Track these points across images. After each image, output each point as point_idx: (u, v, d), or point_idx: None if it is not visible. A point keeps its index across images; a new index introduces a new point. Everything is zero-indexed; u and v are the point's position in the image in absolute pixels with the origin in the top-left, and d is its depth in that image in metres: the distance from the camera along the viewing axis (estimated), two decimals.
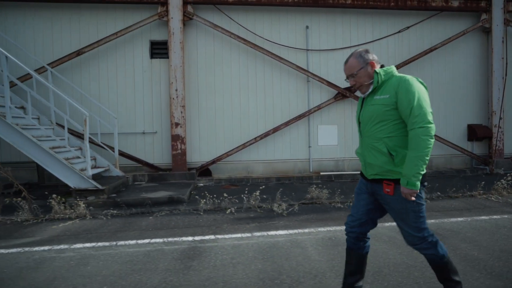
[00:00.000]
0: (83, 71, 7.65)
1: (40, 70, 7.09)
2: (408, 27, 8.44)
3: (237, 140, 8.03)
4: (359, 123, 2.41)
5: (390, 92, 2.18)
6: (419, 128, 2.05)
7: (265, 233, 4.33)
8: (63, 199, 5.49)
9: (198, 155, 7.96)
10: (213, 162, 7.87)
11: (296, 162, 8.28)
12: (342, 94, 8.15)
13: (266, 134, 7.97)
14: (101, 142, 6.95)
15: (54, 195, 5.23)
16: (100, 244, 4.03)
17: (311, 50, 8.21)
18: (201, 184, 7.51)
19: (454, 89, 8.77)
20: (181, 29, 7.52)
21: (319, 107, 8.12)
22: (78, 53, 7.37)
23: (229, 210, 5.38)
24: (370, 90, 2.28)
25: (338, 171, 8.29)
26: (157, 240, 4.14)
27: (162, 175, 7.47)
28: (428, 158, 2.06)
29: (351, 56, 2.30)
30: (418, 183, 2.08)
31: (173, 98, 7.56)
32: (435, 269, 2.33)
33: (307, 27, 8.18)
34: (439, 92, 8.69)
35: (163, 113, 7.85)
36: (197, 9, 7.80)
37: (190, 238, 4.18)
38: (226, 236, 4.26)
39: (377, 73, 2.23)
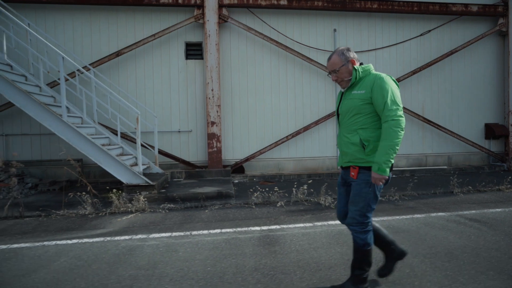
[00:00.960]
0: (121, 71, 7.88)
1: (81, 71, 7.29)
2: (429, 31, 8.84)
3: (268, 138, 8.32)
4: (337, 115, 2.63)
5: (366, 88, 2.38)
6: (392, 120, 2.26)
7: (325, 223, 4.62)
8: (122, 194, 5.72)
9: (231, 153, 8.23)
10: (247, 159, 8.15)
11: (324, 159, 8.61)
12: None
13: (297, 133, 8.28)
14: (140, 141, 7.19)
15: (114, 190, 5.47)
16: (175, 234, 4.29)
17: None
18: (236, 181, 7.79)
19: (473, 90, 9.19)
20: (216, 31, 7.80)
21: None
22: (118, 53, 7.60)
23: (279, 204, 5.67)
24: (349, 85, 2.49)
25: None
26: (228, 230, 4.41)
27: (198, 172, 7.73)
28: (398, 148, 2.28)
29: (334, 53, 2.50)
30: (388, 170, 2.29)
31: (209, 98, 7.83)
32: (355, 253, 2.55)
33: (334, 30, 8.52)
34: (458, 93, 9.10)
35: (198, 112, 8.11)
36: (231, 12, 8.09)
37: (257, 228, 4.46)
38: (290, 225, 4.55)
39: (355, 69, 2.44)
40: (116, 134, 7.03)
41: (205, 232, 4.35)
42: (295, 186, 6.41)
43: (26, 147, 7.70)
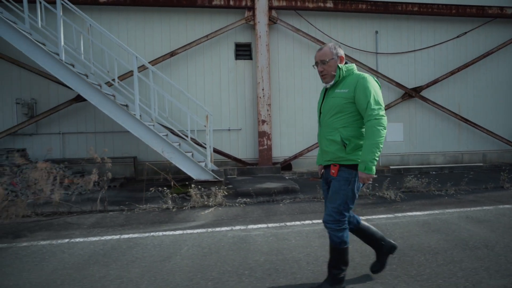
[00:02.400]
0: (173, 71, 8.09)
1: (139, 70, 7.49)
2: (465, 33, 9.17)
3: (314, 136, 8.58)
4: (320, 113, 2.62)
5: (350, 87, 2.40)
6: (375, 119, 2.29)
7: (404, 214, 4.89)
8: (202, 189, 5.93)
9: (279, 150, 8.48)
10: (295, 157, 8.41)
11: None
12: (408, 94, 8.82)
13: None
14: (191, 138, 7.40)
15: (193, 185, 5.69)
16: (270, 225, 4.51)
17: (380, 53, 8.85)
18: (286, 177, 8.03)
19: (507, 90, 9.53)
20: (267, 32, 8.05)
21: (388, 106, 8.76)
22: (172, 54, 7.82)
23: None
24: (332, 82, 2.49)
25: (403, 165, 8.94)
26: (317, 221, 4.65)
27: (249, 169, 7.96)
28: (382, 146, 2.30)
29: (326, 46, 2.53)
30: (374, 168, 2.30)
31: (260, 97, 8.08)
32: (331, 251, 2.55)
33: (376, 32, 8.82)
34: (493, 93, 9.45)
35: (247, 111, 8.35)
36: (279, 14, 8.34)
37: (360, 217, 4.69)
38: (375, 216, 4.82)
39: (339, 68, 2.45)
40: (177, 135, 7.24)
41: (298, 223, 4.58)
42: None
43: (82, 145, 7.87)
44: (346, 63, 2.53)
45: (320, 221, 4.64)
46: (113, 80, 7.11)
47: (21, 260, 3.47)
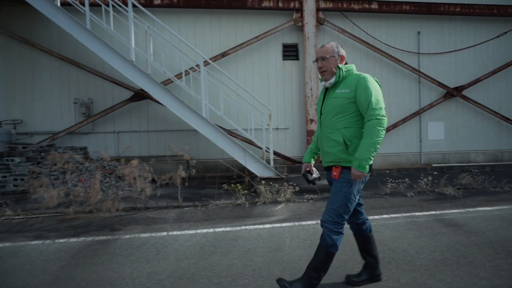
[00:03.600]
0: (223, 71, 8.27)
1: (192, 69, 7.69)
2: (505, 32, 9.31)
3: None
4: (320, 114, 2.60)
5: (350, 87, 2.39)
6: (376, 119, 2.28)
7: (476, 209, 5.06)
8: (263, 186, 6.13)
9: None
10: None
11: (408, 155, 9.07)
12: (450, 94, 8.97)
13: (386, 130, 8.73)
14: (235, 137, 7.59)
15: (263, 182, 5.89)
16: None
17: (422, 53, 9.01)
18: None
19: None
20: (314, 33, 8.24)
21: (431, 105, 8.93)
22: (223, 54, 8.02)
23: (409, 194, 6.12)
24: (331, 80, 2.48)
25: (445, 163, 9.10)
26: (397, 215, 4.82)
27: (298, 167, 8.14)
28: (379, 146, 2.29)
29: (328, 43, 2.56)
30: (368, 167, 2.29)
31: (308, 97, 8.27)
32: (319, 252, 2.51)
33: (418, 32, 8.98)
34: None
35: (294, 110, 8.55)
36: (325, 15, 8.52)
37: (432, 212, 4.91)
38: (446, 211, 4.99)
39: (339, 68, 2.45)
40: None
41: (377, 217, 4.77)
42: (405, 180, 6.81)
43: (135, 143, 8.09)
44: (346, 63, 2.54)
45: (398, 215, 4.84)
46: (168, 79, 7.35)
47: (138, 250, 3.68)
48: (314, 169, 2.81)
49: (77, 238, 4.17)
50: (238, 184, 6.05)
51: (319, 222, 2.56)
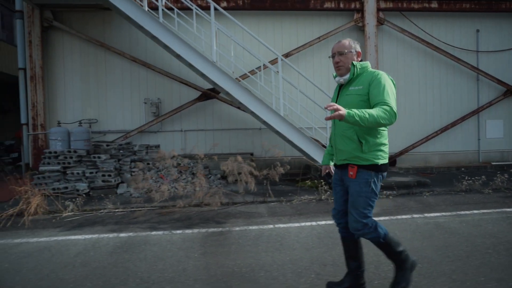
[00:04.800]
0: (285, 70, 8.47)
1: (258, 69, 7.91)
2: None
3: (416, 133, 8.85)
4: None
5: (364, 84, 2.34)
6: (388, 106, 2.16)
7: None
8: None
9: None
10: (401, 153, 8.71)
11: (466, 153, 9.10)
12: (510, 91, 8.95)
13: (445, 128, 8.80)
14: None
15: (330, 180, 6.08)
16: (445, 214, 4.86)
17: (481, 51, 9.02)
18: (401, 172, 8.33)
19: None
20: (375, 33, 8.37)
21: (490, 103, 8.94)
22: (287, 55, 8.24)
23: (486, 191, 6.20)
24: (346, 77, 2.43)
25: (504, 161, 9.08)
26: (487, 210, 4.95)
27: None
28: (373, 124, 2.10)
29: (345, 39, 2.52)
30: (351, 120, 2.05)
31: None
32: (380, 248, 2.46)
33: (477, 30, 8.99)
34: None
35: None
36: (385, 15, 8.63)
37: None
38: None
39: (354, 65, 2.40)
40: None
41: (468, 212, 4.92)
42: (479, 177, 6.82)
43: (201, 141, 8.39)
44: (361, 60, 2.49)
45: (492, 210, 4.96)
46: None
47: (260, 241, 3.92)
48: (334, 170, 2.70)
49: (191, 230, 4.45)
50: (307, 181, 6.24)
51: (421, 216, 2.48)
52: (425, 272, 2.96)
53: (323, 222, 4.60)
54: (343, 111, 2.04)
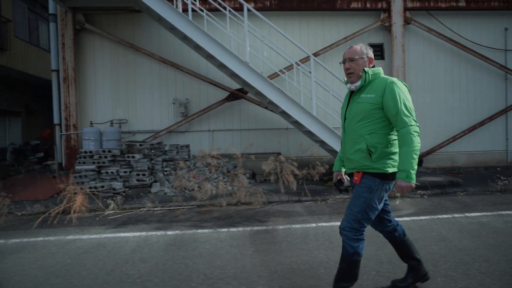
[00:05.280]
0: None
1: (287, 68, 7.97)
2: None
3: (443, 133, 8.82)
4: (344, 119, 2.49)
5: (377, 92, 2.27)
6: (410, 126, 2.17)
7: None
8: None
9: None
10: (428, 153, 8.69)
11: (494, 153, 9.03)
12: None
13: (473, 128, 8.75)
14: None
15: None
16: (487, 213, 4.85)
17: (510, 50, 8.94)
18: (428, 172, 8.31)
19: None
20: (402, 33, 8.36)
21: None
22: (314, 55, 8.25)
23: None
24: (357, 84, 2.36)
25: None
26: None
27: None
28: (418, 153, 2.19)
29: (357, 45, 2.43)
30: (415, 176, 2.16)
31: None
32: (342, 262, 2.40)
33: (506, 28, 8.92)
34: None
35: None
36: (412, 14, 8.62)
37: None
38: None
39: (365, 72, 2.32)
40: None
41: (510, 212, 4.90)
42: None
43: (228, 141, 8.48)
44: (373, 66, 2.41)
45: None
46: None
47: (308, 239, 3.99)
48: (345, 177, 2.67)
49: (236, 228, 4.53)
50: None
51: (463, 215, 2.52)
52: (485, 271, 2.99)
53: None
54: (409, 184, 2.14)
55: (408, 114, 2.20)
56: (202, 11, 7.05)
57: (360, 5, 8.35)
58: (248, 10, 6.62)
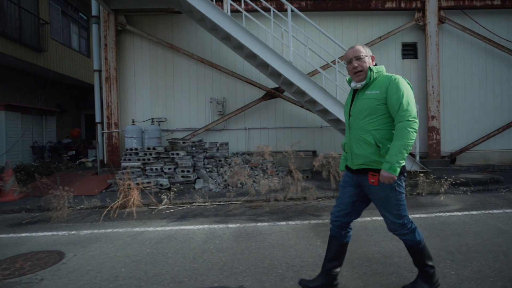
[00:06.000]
0: (344, 70, 8.67)
1: (323, 67, 8.11)
2: None
3: (476, 131, 8.87)
4: (349, 116, 2.53)
5: (381, 88, 2.34)
6: (407, 121, 2.23)
7: None
8: (421, 178, 6.45)
9: (442, 144, 8.84)
10: (461, 150, 8.75)
11: None
12: None
13: (507, 126, 8.78)
14: None
15: (421, 174, 6.22)
16: None
17: None
18: (456, 169, 8.37)
19: None
20: (436, 32, 8.43)
21: None
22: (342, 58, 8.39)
23: None
24: (363, 82, 2.43)
25: None
26: None
27: (423, 162, 8.37)
28: (410, 148, 2.26)
29: (357, 45, 2.50)
30: (399, 170, 2.25)
31: (430, 94, 8.49)
32: (411, 254, 2.52)
33: None
34: None
35: None
36: (446, 13, 8.68)
37: None
38: None
39: (370, 69, 2.40)
40: None
41: None
42: None
43: (264, 139, 8.67)
44: (375, 64, 2.49)
45: None
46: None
47: (368, 231, 4.13)
48: (345, 172, 2.71)
49: (293, 221, 4.70)
50: None
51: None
52: None
53: (417, 216, 4.77)
54: (391, 175, 2.22)
55: (408, 110, 2.26)
56: (241, 12, 7.23)
57: (394, 5, 8.45)
58: (292, 11, 6.75)
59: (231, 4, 6.92)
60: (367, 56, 2.44)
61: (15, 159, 9.61)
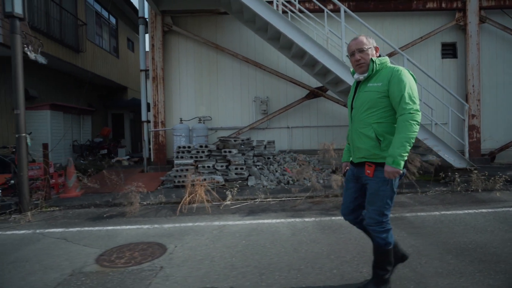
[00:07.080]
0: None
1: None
2: None
3: None
4: (351, 108, 2.52)
5: (383, 81, 2.30)
6: (409, 113, 2.18)
7: None
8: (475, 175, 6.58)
9: (482, 142, 8.96)
10: (501, 149, 8.88)
11: None
12: None
13: None
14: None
15: (456, 173, 6.39)
16: None
17: None
18: (497, 167, 8.50)
19: None
20: (477, 32, 8.56)
21: None
22: (390, 54, 8.55)
23: None
24: (365, 74, 2.39)
25: None
26: None
27: None
28: (413, 142, 2.18)
29: (360, 36, 2.46)
30: (402, 163, 2.19)
31: (470, 93, 8.62)
32: (377, 253, 2.50)
33: None
34: None
35: (451, 106, 8.91)
36: (486, 13, 8.80)
37: None
38: None
39: (373, 61, 2.35)
40: None
41: None
42: None
43: (306, 137, 8.84)
44: (379, 56, 2.46)
45: None
46: None
47: (445, 224, 4.29)
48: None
49: None
50: (449, 174, 6.55)
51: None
52: None
53: (481, 211, 4.92)
54: (395, 169, 2.17)
55: (410, 102, 2.21)
56: (291, 12, 7.41)
57: (435, 5, 8.59)
58: (344, 11, 6.91)
59: (282, 3, 7.08)
60: (370, 48, 2.40)
61: (58, 158, 9.85)
